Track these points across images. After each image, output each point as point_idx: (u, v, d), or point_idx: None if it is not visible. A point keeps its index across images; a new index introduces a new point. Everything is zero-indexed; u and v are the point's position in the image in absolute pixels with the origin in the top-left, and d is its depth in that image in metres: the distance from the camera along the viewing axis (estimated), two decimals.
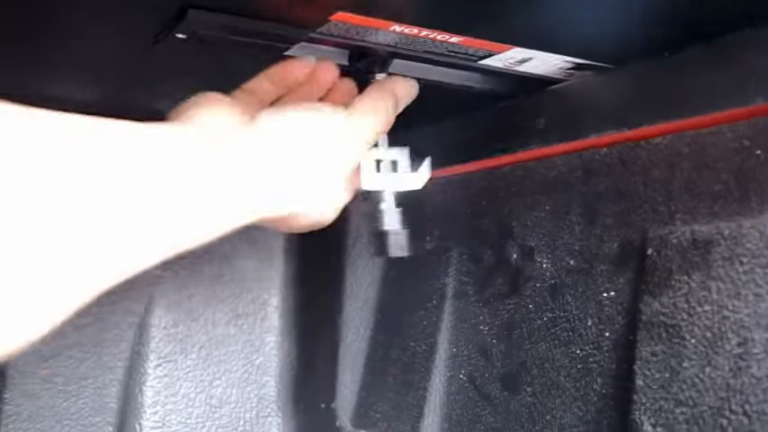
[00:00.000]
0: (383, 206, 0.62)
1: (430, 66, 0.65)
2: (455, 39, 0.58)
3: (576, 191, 0.65)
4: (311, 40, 0.59)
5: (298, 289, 1.01)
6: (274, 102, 0.62)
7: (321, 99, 0.62)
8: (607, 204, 0.63)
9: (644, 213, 0.59)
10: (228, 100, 0.55)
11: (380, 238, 0.62)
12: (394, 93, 0.61)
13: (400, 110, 0.62)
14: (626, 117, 0.57)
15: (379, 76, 0.63)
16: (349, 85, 0.63)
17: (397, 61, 0.64)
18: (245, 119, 0.53)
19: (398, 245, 0.61)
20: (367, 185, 0.61)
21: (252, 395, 0.99)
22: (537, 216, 0.69)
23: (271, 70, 0.61)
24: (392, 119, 0.60)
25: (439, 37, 0.58)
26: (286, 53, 0.62)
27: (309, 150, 0.55)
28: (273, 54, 0.62)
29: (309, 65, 0.61)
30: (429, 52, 0.61)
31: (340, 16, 0.54)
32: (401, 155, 0.63)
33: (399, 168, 0.63)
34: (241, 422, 0.98)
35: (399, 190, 0.62)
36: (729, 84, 0.50)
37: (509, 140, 0.68)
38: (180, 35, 0.58)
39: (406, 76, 0.65)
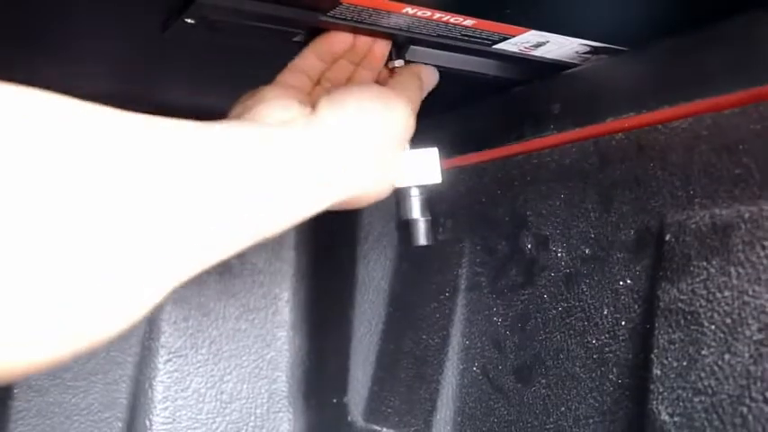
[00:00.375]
0: (410, 195, 0.64)
1: (444, 52, 0.64)
2: (469, 21, 0.57)
3: (591, 178, 0.64)
4: (323, 25, 0.59)
5: (309, 283, 1.00)
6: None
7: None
8: (623, 191, 0.61)
9: (661, 199, 0.58)
10: (283, 92, 0.58)
11: (407, 227, 0.65)
12: (419, 76, 0.63)
13: (423, 96, 0.63)
14: (644, 99, 0.56)
15: (397, 63, 0.63)
16: (384, 49, 0.64)
17: (411, 47, 0.63)
18: (305, 110, 0.55)
19: (425, 234, 0.65)
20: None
21: (263, 390, 0.99)
22: (552, 205, 0.68)
23: (316, 44, 0.62)
24: (422, 95, 0.63)
25: (452, 20, 0.57)
26: (295, 39, 0.61)
27: (370, 131, 0.57)
28: (284, 41, 0.61)
29: (350, 36, 0.62)
30: (443, 36, 0.60)
31: None
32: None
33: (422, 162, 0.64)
34: (252, 417, 0.98)
35: (422, 183, 0.63)
36: (751, 62, 0.49)
37: (523, 127, 0.67)
38: (188, 20, 0.57)
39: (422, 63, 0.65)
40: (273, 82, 0.60)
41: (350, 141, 0.55)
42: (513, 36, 0.60)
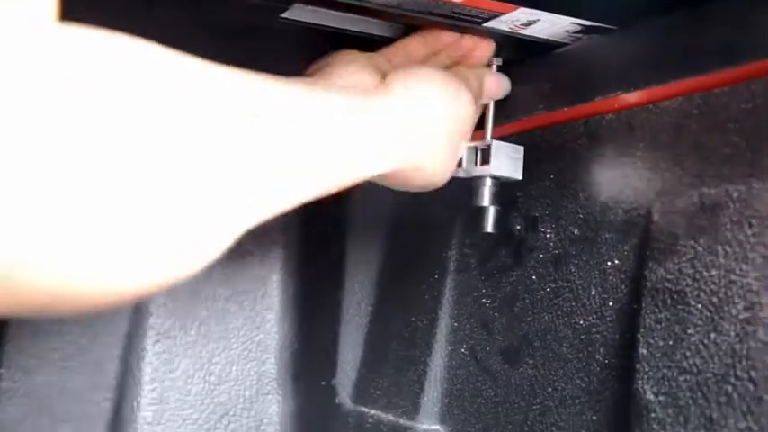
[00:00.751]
0: (485, 184, 0.67)
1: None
2: None
3: (581, 158, 0.64)
4: (310, 1, 0.58)
5: (298, 265, 1.00)
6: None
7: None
8: (612, 171, 0.61)
9: (650, 179, 0.58)
10: (363, 58, 0.62)
11: (477, 213, 0.68)
12: (482, 80, 0.66)
13: (484, 101, 0.67)
14: (634, 78, 0.55)
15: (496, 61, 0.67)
16: (486, 51, 0.66)
17: (397, 25, 0.63)
18: (377, 78, 0.60)
19: (493, 222, 0.68)
20: (466, 172, 0.66)
21: (251, 372, 0.98)
22: (541, 185, 0.68)
23: (426, 33, 0.65)
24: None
25: None
26: (284, 15, 0.60)
27: (434, 110, 0.60)
28: (273, 17, 0.60)
29: (457, 34, 0.65)
30: (434, 14, 0.60)
31: None
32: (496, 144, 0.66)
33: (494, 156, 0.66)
34: (240, 399, 0.97)
35: (497, 174, 0.66)
36: (741, 40, 0.49)
37: (513, 107, 0.67)
38: None
39: None
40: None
41: (414, 115, 0.58)
42: (504, 13, 0.59)
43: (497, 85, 0.67)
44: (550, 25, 0.61)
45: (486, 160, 0.66)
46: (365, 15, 0.60)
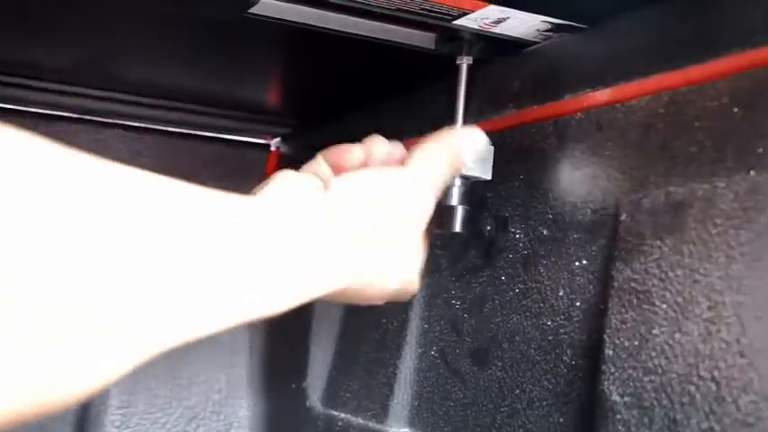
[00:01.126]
0: (453, 183, 0.64)
1: (403, 28, 0.63)
2: None
3: (550, 158, 0.63)
4: None
5: None
6: None
7: None
8: (581, 171, 0.61)
9: (618, 178, 0.57)
10: (296, 173, 0.54)
11: (447, 212, 0.65)
12: (451, 145, 0.60)
13: (466, 162, 0.62)
14: (602, 76, 0.55)
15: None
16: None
17: (369, 22, 0.62)
18: (317, 186, 0.53)
19: (461, 221, 0.65)
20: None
21: (221, 375, 0.97)
22: (511, 186, 0.67)
23: (368, 139, 0.61)
24: (453, 169, 0.60)
25: None
26: (252, 10, 0.60)
27: (382, 211, 0.54)
28: (240, 11, 0.60)
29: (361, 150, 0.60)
30: (403, 11, 0.59)
31: None
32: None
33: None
34: (210, 403, 0.96)
35: (468, 175, 0.64)
36: (705, 37, 0.48)
37: (483, 106, 0.66)
38: None
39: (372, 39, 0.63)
40: None
41: (358, 217, 0.52)
42: (473, 11, 0.59)
43: (469, 136, 0.62)
44: (521, 23, 0.60)
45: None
46: (333, 11, 0.60)
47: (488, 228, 0.69)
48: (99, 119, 0.89)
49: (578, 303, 0.59)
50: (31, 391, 0.33)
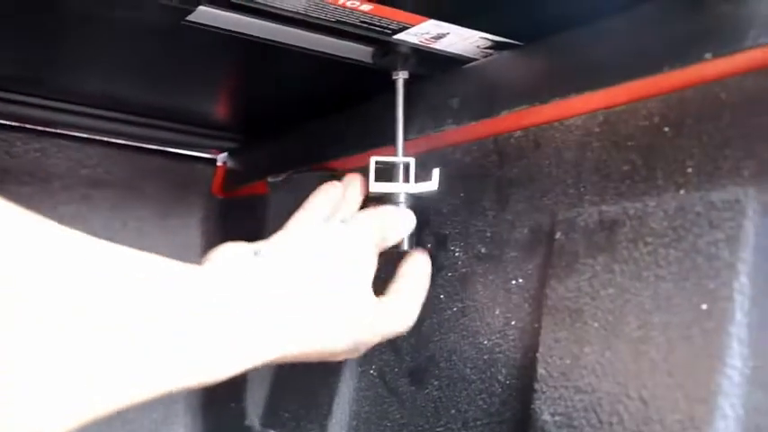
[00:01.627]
0: (397, 201, 0.64)
1: (342, 41, 0.62)
2: (366, 6, 0.56)
3: (490, 176, 0.63)
4: (215, 3, 0.56)
5: None
6: None
7: None
8: (519, 189, 0.60)
9: (554, 197, 0.57)
10: (235, 243, 0.56)
11: None
12: (383, 218, 0.62)
13: (391, 241, 0.63)
14: (538, 92, 0.55)
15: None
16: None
17: (309, 34, 0.62)
18: (249, 251, 0.54)
19: (410, 239, 0.65)
20: (381, 188, 0.64)
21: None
22: (452, 203, 0.67)
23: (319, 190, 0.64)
24: (389, 237, 0.62)
25: (349, 3, 0.55)
26: (190, 18, 0.59)
27: (316, 271, 0.54)
28: (178, 18, 0.59)
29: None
30: (342, 23, 0.59)
31: None
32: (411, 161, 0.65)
33: (411, 173, 0.65)
34: (146, 422, 0.94)
35: (414, 192, 0.64)
36: (636, 54, 0.48)
37: (425, 122, 0.66)
38: None
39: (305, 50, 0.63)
40: None
41: (291, 279, 0.52)
42: (413, 25, 0.58)
43: (400, 221, 0.63)
44: (460, 39, 0.60)
45: (406, 178, 0.64)
46: (272, 21, 0.59)
47: (429, 245, 0.68)
48: (38, 127, 0.87)
49: (514, 322, 0.59)
50: None
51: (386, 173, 0.65)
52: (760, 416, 0.41)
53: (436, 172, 0.64)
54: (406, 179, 0.65)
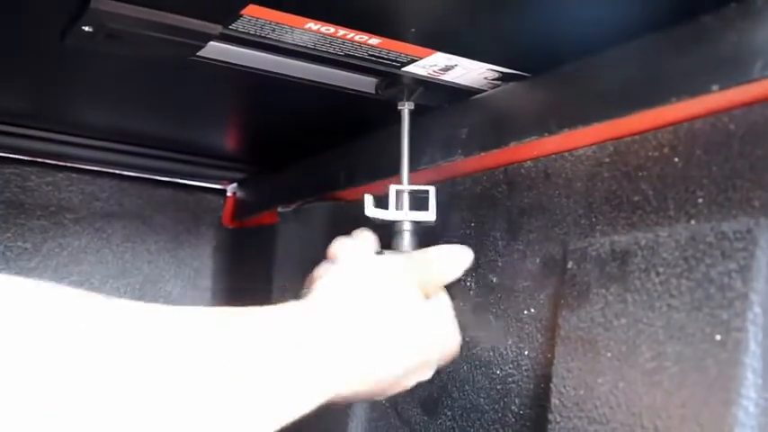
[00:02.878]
0: (404, 230, 0.65)
1: (351, 73, 0.63)
2: (374, 40, 0.56)
3: (500, 206, 0.63)
4: (226, 39, 0.57)
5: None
6: None
7: None
8: (530, 219, 0.61)
9: (566, 226, 0.57)
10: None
11: None
12: (456, 257, 0.63)
13: (453, 276, 0.63)
14: (546, 123, 0.55)
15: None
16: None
17: (314, 66, 0.62)
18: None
19: None
20: (377, 214, 0.64)
21: None
22: (463, 233, 0.67)
23: None
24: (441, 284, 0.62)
25: (357, 37, 0.56)
26: (200, 54, 0.59)
27: (378, 307, 0.55)
28: (187, 54, 0.59)
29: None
30: (351, 56, 0.59)
31: (252, 10, 0.52)
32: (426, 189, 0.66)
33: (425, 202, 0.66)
34: None
35: (415, 220, 0.65)
36: (645, 84, 0.49)
37: (435, 153, 0.66)
38: (85, 27, 0.55)
39: (321, 83, 0.64)
40: None
41: (350, 313, 0.53)
42: (421, 58, 0.59)
43: (462, 255, 0.63)
44: (468, 71, 0.61)
45: (413, 206, 0.65)
46: (281, 55, 0.59)
47: None
48: (51, 161, 0.88)
49: (526, 352, 0.59)
50: None
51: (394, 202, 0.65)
52: None
53: (432, 201, 0.65)
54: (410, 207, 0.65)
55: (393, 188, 0.65)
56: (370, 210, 0.64)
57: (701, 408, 0.44)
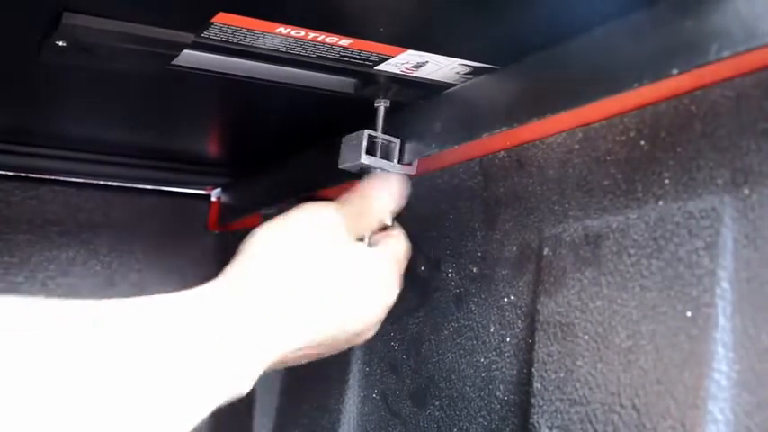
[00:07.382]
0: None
1: (324, 74, 0.64)
2: (345, 41, 0.57)
3: (477, 197, 0.65)
4: (199, 47, 0.58)
5: None
6: None
7: None
8: (506, 208, 0.62)
9: (540, 214, 0.59)
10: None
11: None
12: (378, 189, 0.64)
13: (393, 208, 0.64)
14: (516, 113, 0.56)
15: None
16: None
17: (292, 70, 0.63)
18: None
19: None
20: (365, 160, 0.65)
21: None
22: (442, 226, 0.68)
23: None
24: (376, 217, 0.63)
25: (328, 39, 0.57)
26: (175, 62, 0.60)
27: (310, 261, 0.57)
28: (162, 64, 0.60)
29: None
30: (323, 58, 0.60)
31: (222, 18, 0.53)
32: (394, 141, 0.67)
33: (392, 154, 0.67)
34: None
35: (394, 171, 0.66)
36: (608, 71, 0.50)
37: (409, 147, 0.68)
38: (59, 42, 0.56)
39: (299, 86, 0.65)
40: None
41: (281, 269, 0.55)
42: (393, 56, 0.60)
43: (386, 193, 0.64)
44: (440, 67, 0.62)
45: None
46: (254, 60, 0.60)
47: (422, 268, 0.70)
48: (34, 175, 0.88)
49: (508, 339, 0.60)
50: None
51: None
52: (748, 418, 0.42)
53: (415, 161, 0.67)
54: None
55: (365, 132, 0.66)
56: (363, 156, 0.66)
57: (675, 383, 0.45)
